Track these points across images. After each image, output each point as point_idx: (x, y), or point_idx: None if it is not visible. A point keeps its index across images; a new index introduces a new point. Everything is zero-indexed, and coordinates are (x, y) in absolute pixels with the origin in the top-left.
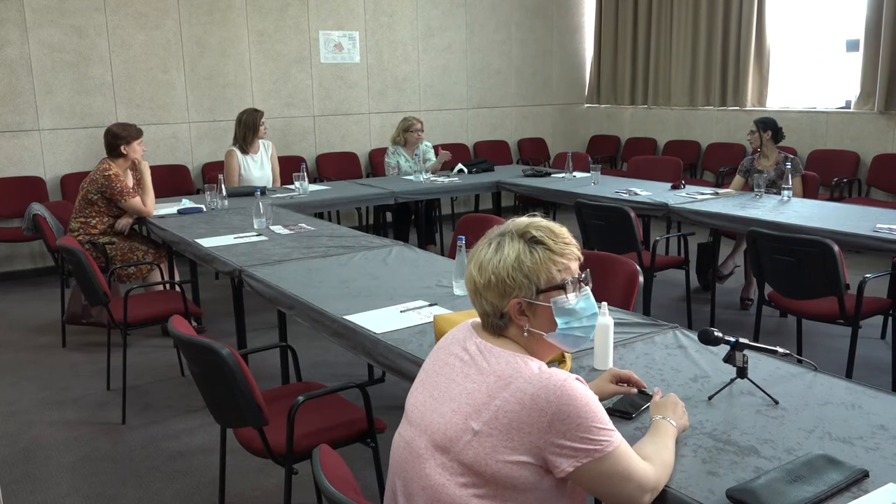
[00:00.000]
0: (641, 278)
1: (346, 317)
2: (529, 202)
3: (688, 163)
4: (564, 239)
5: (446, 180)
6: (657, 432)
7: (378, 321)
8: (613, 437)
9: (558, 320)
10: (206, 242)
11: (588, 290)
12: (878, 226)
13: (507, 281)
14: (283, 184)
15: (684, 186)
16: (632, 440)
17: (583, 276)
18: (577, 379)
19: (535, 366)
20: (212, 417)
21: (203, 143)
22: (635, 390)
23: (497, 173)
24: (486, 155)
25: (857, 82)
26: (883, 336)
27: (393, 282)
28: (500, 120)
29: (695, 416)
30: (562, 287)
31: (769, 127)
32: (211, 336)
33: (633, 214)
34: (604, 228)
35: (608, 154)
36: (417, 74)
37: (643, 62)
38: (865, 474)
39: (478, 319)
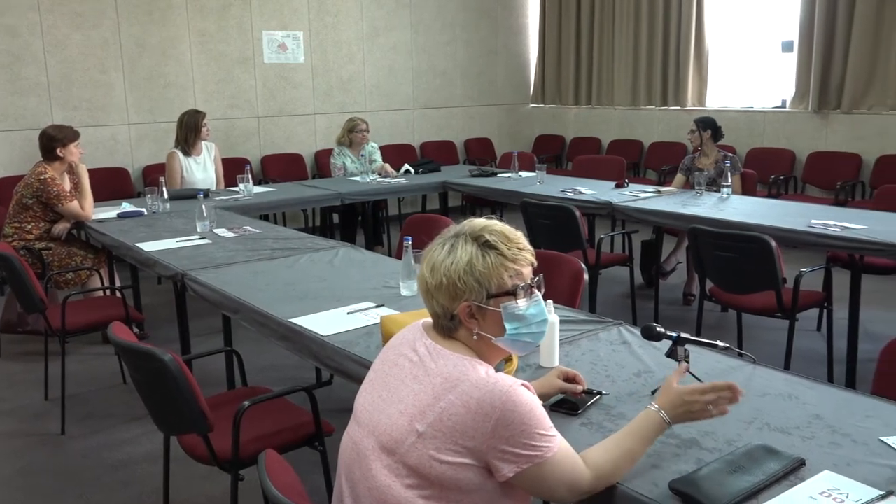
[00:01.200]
0: (586, 276)
1: (292, 320)
2: (476, 202)
3: (631, 162)
4: (518, 244)
5: (393, 181)
6: (635, 426)
7: (325, 323)
8: (554, 442)
9: (507, 326)
10: (148, 246)
11: (539, 295)
12: (814, 221)
13: (459, 284)
14: (227, 186)
15: (628, 185)
16: (577, 435)
17: (535, 281)
18: (522, 385)
19: (483, 370)
20: (155, 425)
21: (143, 146)
22: (580, 388)
23: (444, 173)
24: (432, 155)
25: (792, 82)
26: (819, 328)
27: (340, 283)
28: (447, 120)
29: (638, 411)
30: (512, 293)
31: (709, 126)
32: (153, 342)
33: (578, 213)
34: (550, 227)
35: (553, 153)
36: (363, 75)
37: (587, 63)
38: (802, 462)
39: (429, 320)
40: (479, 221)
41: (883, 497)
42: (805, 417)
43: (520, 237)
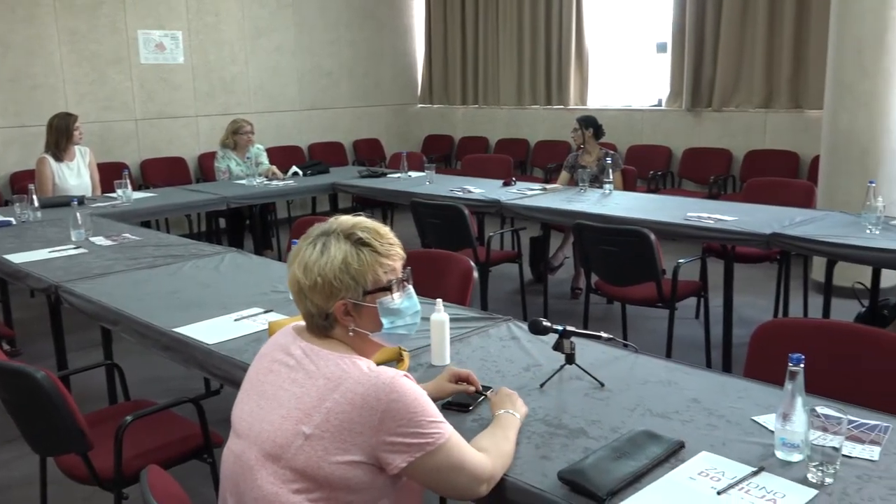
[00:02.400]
0: (476, 273)
1: (175, 329)
2: (366, 203)
3: (518, 160)
4: (389, 240)
5: (280, 184)
6: (498, 424)
7: (211, 331)
8: (444, 428)
9: (384, 320)
10: (17, 258)
11: (411, 288)
12: (689, 214)
13: (334, 283)
14: (103, 192)
15: (515, 183)
16: (470, 433)
17: (405, 274)
18: (405, 376)
19: (364, 365)
20: (29, 447)
21: (11, 151)
22: (473, 389)
23: (333, 175)
24: (321, 157)
25: (667, 82)
26: (697, 316)
27: (226, 290)
28: (334, 121)
29: (528, 403)
30: (388, 288)
31: (591, 125)
32: (26, 359)
33: (467, 212)
34: (439, 226)
35: (442, 153)
36: (246, 76)
37: (472, 63)
38: (682, 445)
39: (301, 323)
40: (348, 219)
41: (755, 473)
42: (684, 402)
43: (389, 232)
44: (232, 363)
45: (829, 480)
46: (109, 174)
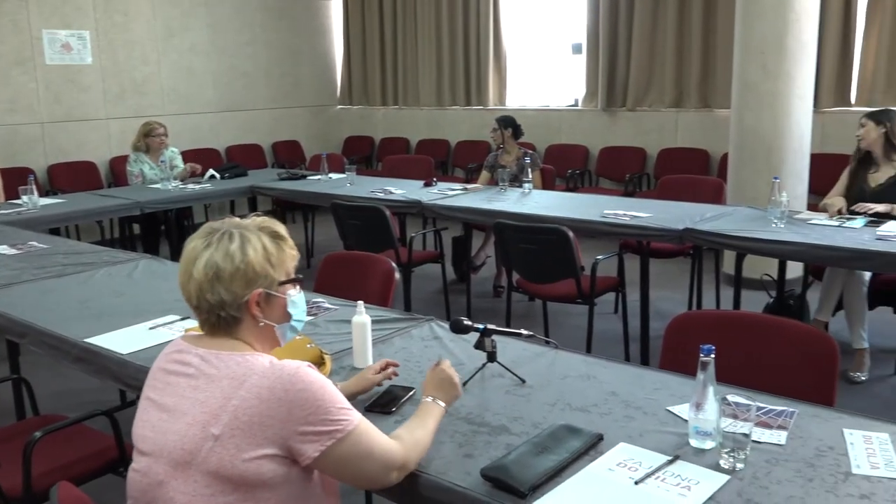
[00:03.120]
0: (398, 274)
1: (87, 340)
2: (286, 206)
3: (439, 160)
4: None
5: (197, 187)
6: (420, 413)
7: (125, 341)
8: (352, 415)
9: (291, 312)
10: None
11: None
12: (606, 212)
13: (258, 269)
14: (7, 199)
15: (436, 183)
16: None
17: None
18: (308, 366)
19: (266, 360)
20: None
21: None
22: (394, 370)
23: (251, 178)
24: (239, 159)
25: (583, 82)
26: (616, 311)
27: (140, 297)
28: (252, 123)
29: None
30: (296, 281)
31: (509, 125)
32: None
33: (388, 213)
34: (361, 228)
35: (363, 154)
36: (159, 77)
37: (392, 64)
38: (601, 437)
39: (190, 333)
40: (256, 218)
41: (670, 462)
42: (602, 395)
43: None
44: (148, 373)
45: (740, 466)
46: (14, 180)
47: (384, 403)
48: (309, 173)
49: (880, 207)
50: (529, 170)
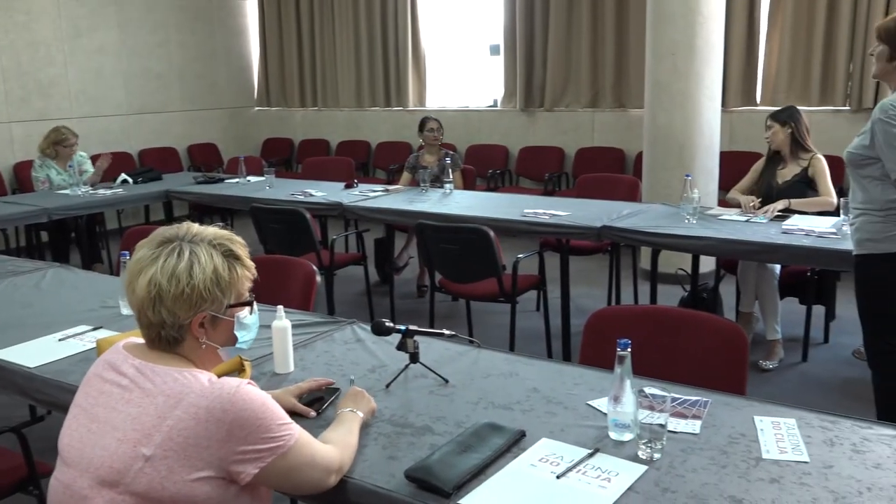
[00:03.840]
0: (319, 278)
1: None
2: (204, 210)
3: (360, 162)
4: (248, 255)
5: (108, 192)
6: (340, 420)
7: (32, 354)
8: (293, 429)
9: (238, 334)
10: None
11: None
12: (526, 211)
13: (204, 294)
14: None
15: (357, 185)
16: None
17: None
18: (248, 383)
19: (205, 378)
20: None
21: None
22: (318, 385)
23: (166, 182)
24: (153, 163)
25: (502, 83)
26: (538, 308)
27: (49, 308)
28: (166, 126)
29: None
30: (248, 304)
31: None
32: None
33: (309, 216)
34: (281, 231)
35: (283, 157)
36: (66, 78)
37: (310, 65)
38: (523, 434)
39: (131, 340)
40: (207, 228)
41: (591, 455)
42: (524, 392)
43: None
44: (57, 386)
45: (657, 456)
46: None
47: (308, 403)
48: (226, 176)
49: (778, 205)
50: (450, 170)
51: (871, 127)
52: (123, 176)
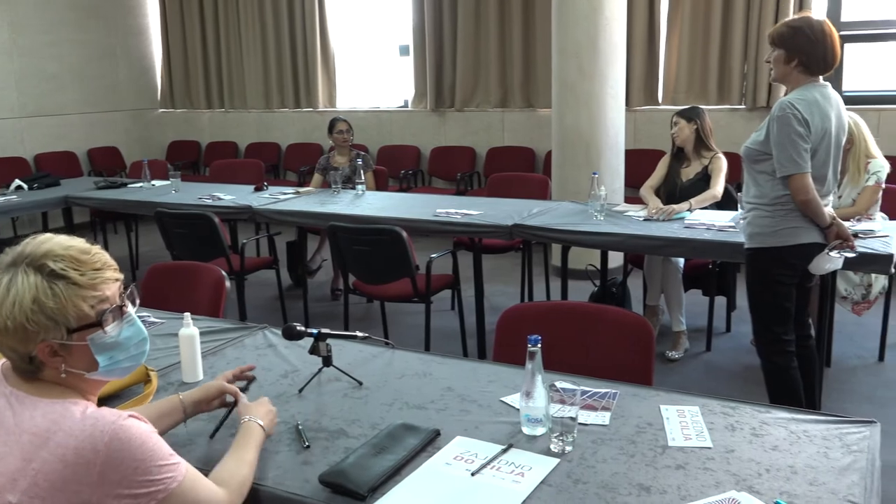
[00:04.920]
0: (229, 283)
1: None
2: (106, 216)
3: (270, 164)
4: (93, 265)
5: (1, 199)
6: (239, 442)
7: None
8: (177, 469)
9: (100, 358)
10: None
11: (132, 313)
12: (438, 210)
13: (28, 326)
14: None
15: (267, 188)
16: (215, 455)
17: (127, 296)
18: (130, 416)
19: (79, 410)
20: None
21: None
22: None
23: (64, 187)
24: (51, 168)
25: (412, 84)
26: (452, 307)
27: None
28: (64, 129)
29: (287, 410)
30: (98, 323)
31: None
32: None
33: (217, 220)
34: (188, 236)
35: (189, 160)
36: None
37: (216, 66)
38: (438, 433)
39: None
40: (42, 243)
41: (504, 451)
42: (438, 391)
43: (95, 254)
44: None
45: (569, 448)
46: None
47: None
48: (130, 181)
49: (679, 207)
50: (362, 171)
51: (768, 123)
52: (17, 182)
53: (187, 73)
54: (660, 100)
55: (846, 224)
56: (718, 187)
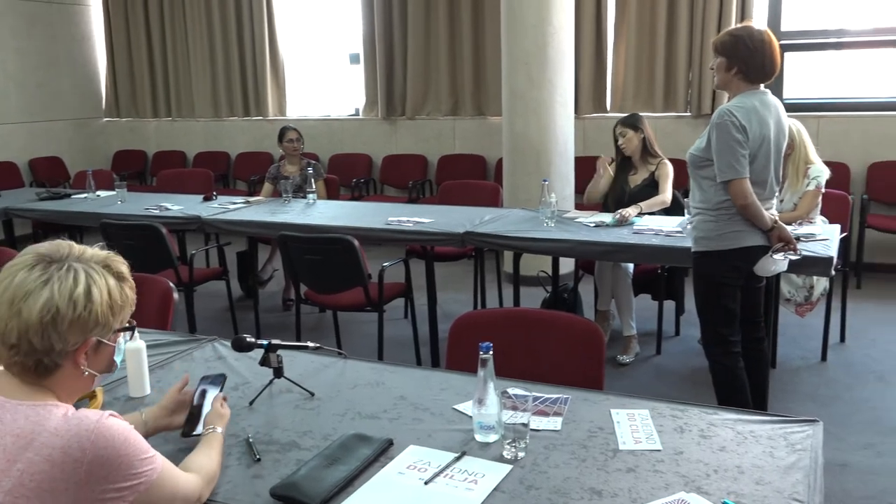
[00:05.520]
0: (177, 295)
1: None
2: (50, 228)
3: (219, 173)
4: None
5: None
6: (207, 443)
7: None
8: (155, 462)
9: (117, 360)
10: None
11: None
12: (390, 219)
13: (100, 318)
14: None
15: (216, 197)
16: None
17: None
18: (110, 415)
19: (61, 412)
20: None
21: None
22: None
23: (5, 199)
24: None
25: (363, 92)
26: (406, 315)
27: None
28: (4, 139)
29: (238, 423)
30: (131, 328)
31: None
32: None
33: (165, 230)
34: (135, 248)
35: (136, 170)
36: None
37: (162, 74)
38: (391, 443)
39: None
40: (86, 248)
41: (457, 459)
42: (391, 400)
43: None
44: None
45: (521, 454)
46: None
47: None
48: (74, 192)
49: (629, 211)
50: (313, 180)
51: (709, 130)
52: None
53: (133, 82)
54: (608, 107)
55: (788, 228)
56: (668, 193)
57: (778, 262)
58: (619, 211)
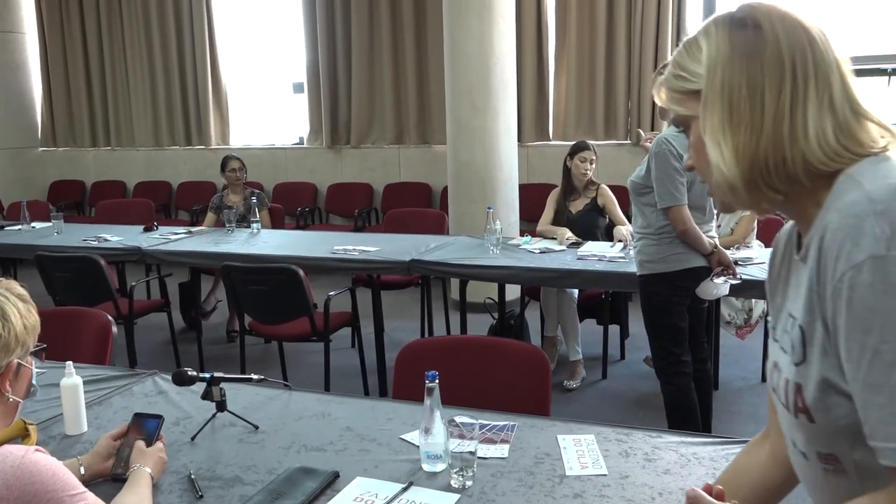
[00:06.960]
0: (115, 328)
1: None
2: None
3: (161, 203)
4: None
5: None
6: (134, 482)
7: None
8: (87, 499)
9: (35, 383)
10: None
11: None
12: (336, 248)
13: (19, 338)
14: None
15: (157, 228)
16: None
17: None
18: (36, 451)
19: None
20: None
21: None
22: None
23: None
24: None
25: (307, 121)
26: (353, 345)
27: None
28: None
29: (179, 459)
30: (43, 349)
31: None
32: None
33: (103, 262)
34: (72, 281)
35: (73, 200)
36: None
37: (101, 102)
38: (337, 475)
39: None
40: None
41: (405, 489)
42: (337, 431)
43: None
44: None
45: (469, 483)
46: None
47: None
48: (7, 223)
49: (569, 234)
50: (257, 209)
51: (648, 159)
52: None
53: (70, 110)
54: (551, 135)
55: (727, 252)
56: (624, 219)
57: (719, 286)
58: (617, 238)
